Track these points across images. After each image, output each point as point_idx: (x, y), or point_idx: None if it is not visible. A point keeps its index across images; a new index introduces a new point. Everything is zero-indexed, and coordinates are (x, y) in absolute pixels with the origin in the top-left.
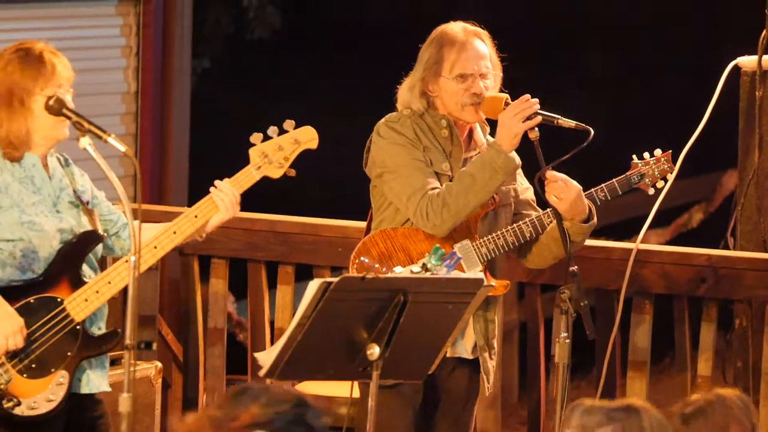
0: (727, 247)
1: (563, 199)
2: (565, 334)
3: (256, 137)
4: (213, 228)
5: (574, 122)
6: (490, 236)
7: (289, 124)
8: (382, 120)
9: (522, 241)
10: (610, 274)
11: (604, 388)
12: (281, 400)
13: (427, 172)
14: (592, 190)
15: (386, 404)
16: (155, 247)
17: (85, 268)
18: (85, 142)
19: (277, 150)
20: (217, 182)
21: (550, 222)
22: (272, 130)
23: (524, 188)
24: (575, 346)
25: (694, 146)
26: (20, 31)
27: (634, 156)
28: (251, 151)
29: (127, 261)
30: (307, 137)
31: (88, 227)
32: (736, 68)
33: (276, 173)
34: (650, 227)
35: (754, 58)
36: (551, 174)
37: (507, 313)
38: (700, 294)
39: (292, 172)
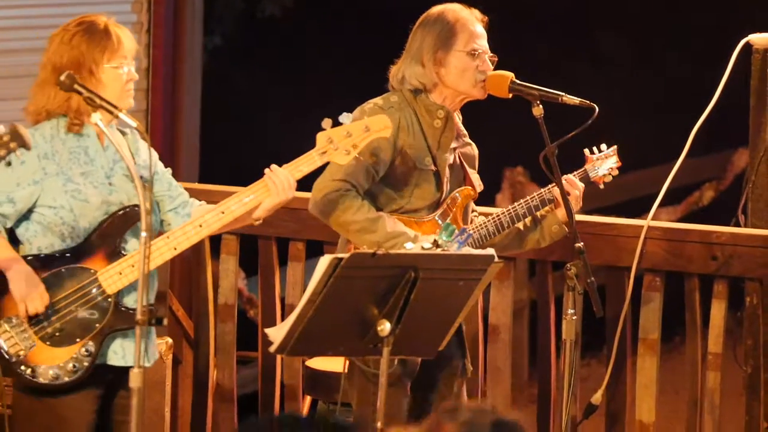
0: (738, 225)
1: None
2: (572, 311)
3: (326, 122)
4: (265, 212)
5: (578, 99)
6: (480, 223)
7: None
8: (371, 103)
9: (514, 224)
10: (620, 251)
11: (614, 365)
12: (478, 422)
13: (366, 174)
14: (550, 185)
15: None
16: (200, 226)
17: (130, 241)
18: (96, 117)
19: (346, 136)
20: (273, 166)
21: (536, 205)
22: (344, 116)
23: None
24: (586, 324)
25: (705, 124)
26: (32, 7)
27: (586, 150)
28: (318, 136)
29: (167, 237)
30: (380, 126)
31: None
32: (748, 46)
33: (342, 159)
34: (661, 205)
35: (766, 35)
36: (575, 183)
37: (517, 291)
38: (711, 272)
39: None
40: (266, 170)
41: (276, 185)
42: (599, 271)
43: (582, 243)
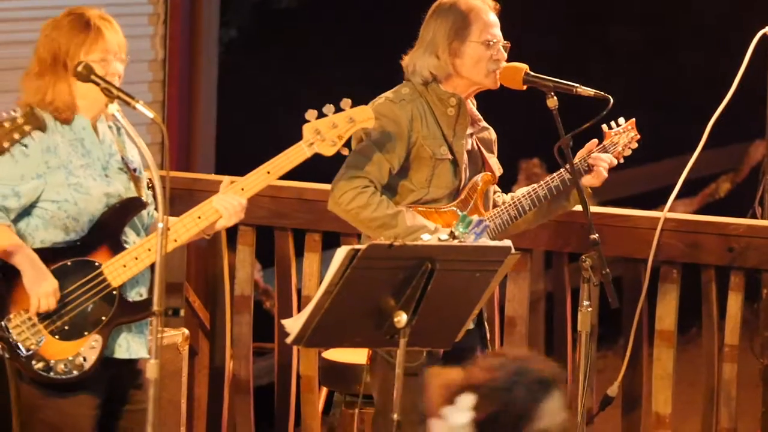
0: (754, 217)
1: (599, 179)
2: (588, 303)
3: (310, 114)
4: (220, 228)
5: (593, 91)
6: (495, 211)
7: (345, 102)
8: (382, 97)
9: (535, 206)
10: (637, 243)
11: (630, 357)
12: (499, 366)
13: (382, 169)
14: (574, 160)
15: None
16: (199, 217)
17: (130, 234)
18: (114, 108)
19: (331, 128)
20: (222, 191)
21: (557, 185)
22: (328, 108)
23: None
24: (602, 316)
25: (721, 116)
26: None
27: (604, 126)
28: (304, 128)
29: (169, 229)
30: (363, 116)
31: (134, 194)
32: (764, 38)
33: (329, 151)
34: (677, 197)
35: None
36: (599, 157)
37: (533, 283)
38: (728, 263)
39: (346, 151)
40: (214, 196)
41: (227, 209)
42: (615, 263)
43: (597, 235)
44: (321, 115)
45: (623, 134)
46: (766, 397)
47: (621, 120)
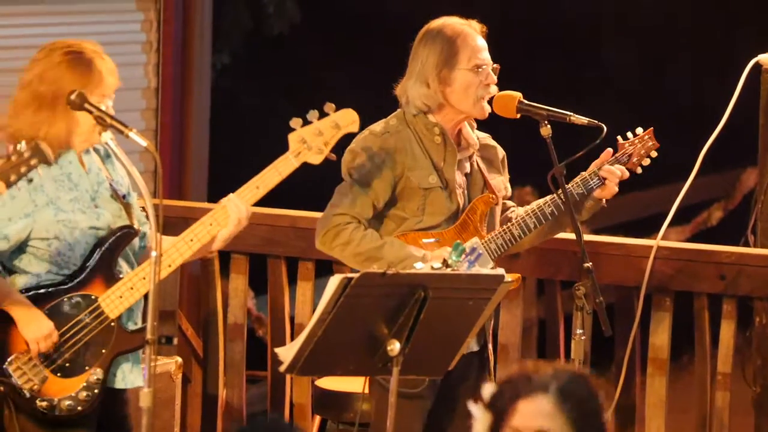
0: (747, 245)
1: (610, 192)
2: (581, 331)
3: (295, 122)
4: (222, 243)
5: (587, 119)
6: (497, 232)
7: (329, 107)
8: (368, 130)
9: (527, 233)
10: (630, 270)
11: (623, 385)
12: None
13: (366, 205)
14: (586, 173)
15: (399, 409)
16: (191, 240)
17: (122, 263)
18: (107, 136)
19: (317, 135)
20: (230, 196)
21: (551, 212)
22: (312, 114)
23: (507, 179)
24: (595, 343)
25: (714, 144)
26: (42, 26)
27: (619, 137)
28: (290, 137)
29: (162, 255)
30: (348, 120)
31: (126, 221)
32: (757, 66)
33: (316, 159)
34: (670, 225)
35: None
36: (614, 171)
37: (526, 310)
38: (720, 291)
39: (333, 157)
40: (224, 198)
41: (236, 214)
42: (608, 291)
43: (591, 263)
44: (306, 122)
45: (638, 144)
46: (758, 425)
47: (639, 130)
